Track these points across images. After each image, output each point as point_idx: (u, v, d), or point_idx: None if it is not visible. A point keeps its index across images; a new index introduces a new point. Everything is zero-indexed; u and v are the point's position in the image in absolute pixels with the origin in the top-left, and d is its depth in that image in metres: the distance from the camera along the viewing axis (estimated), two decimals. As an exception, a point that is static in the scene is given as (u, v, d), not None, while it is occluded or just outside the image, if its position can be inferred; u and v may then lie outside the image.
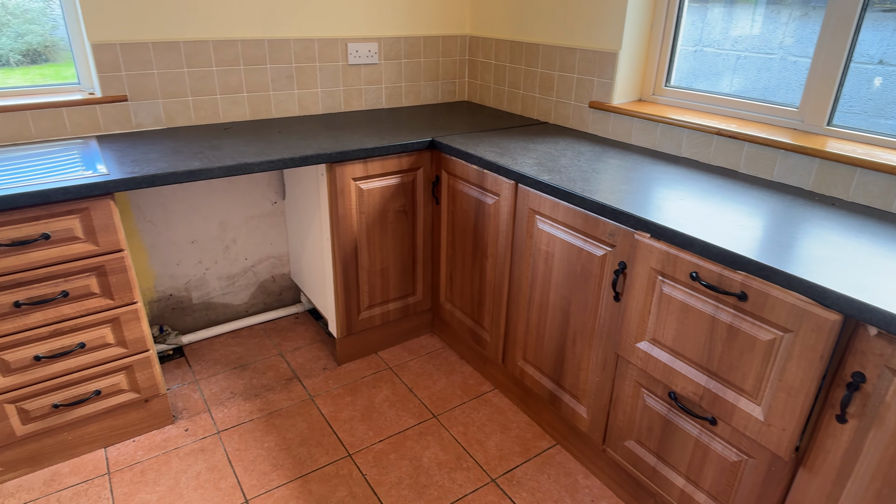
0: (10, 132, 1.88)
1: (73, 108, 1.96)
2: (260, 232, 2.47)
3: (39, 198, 1.48)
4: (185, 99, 2.13)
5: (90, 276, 1.64)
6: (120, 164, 1.70)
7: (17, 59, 2.09)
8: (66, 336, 1.67)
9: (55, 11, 2.08)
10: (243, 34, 2.16)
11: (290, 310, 2.65)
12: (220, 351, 2.39)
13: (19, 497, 1.70)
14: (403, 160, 2.07)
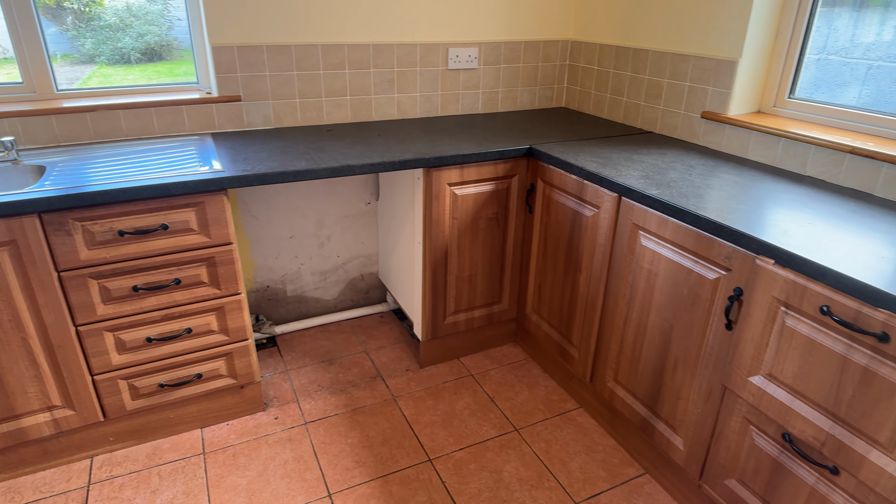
0: (138, 127, 2.04)
1: (192, 107, 2.09)
2: (353, 231, 2.53)
3: (162, 191, 1.58)
4: (293, 101, 2.22)
5: (201, 266, 1.74)
6: (233, 162, 1.79)
7: (137, 56, 2.26)
8: (175, 321, 1.78)
9: (171, 13, 2.23)
10: (351, 39, 2.22)
11: (375, 308, 2.69)
12: (310, 343, 2.47)
13: (126, 466, 1.83)
14: (499, 167, 2.04)
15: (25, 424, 1.69)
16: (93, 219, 1.56)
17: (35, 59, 1.94)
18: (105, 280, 1.63)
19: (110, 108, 1.97)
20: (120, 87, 2.10)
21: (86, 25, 2.13)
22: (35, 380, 1.66)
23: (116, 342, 1.73)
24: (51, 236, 1.53)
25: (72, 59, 2.26)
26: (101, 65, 2.32)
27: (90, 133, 1.97)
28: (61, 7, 2.10)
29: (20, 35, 1.89)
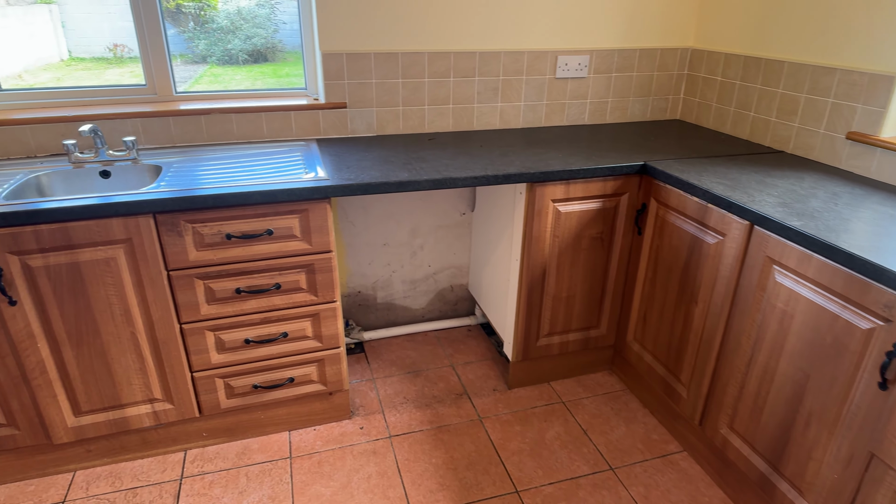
0: (248, 131, 2.08)
1: (300, 113, 2.11)
2: (446, 241, 2.48)
3: (269, 197, 1.59)
4: (396, 108, 2.19)
5: (300, 272, 1.74)
6: (337, 170, 1.77)
7: (244, 58, 2.34)
8: (273, 324, 1.79)
9: (278, 17, 2.28)
10: (458, 46, 2.16)
11: (463, 321, 2.62)
12: (397, 352, 2.43)
13: (216, 463, 1.86)
14: (608, 184, 1.90)
15: (129, 414, 1.76)
16: (203, 221, 1.59)
17: (158, 63, 2.03)
18: (210, 281, 1.67)
19: (224, 111, 2.02)
20: (233, 91, 2.16)
21: (201, 28, 2.22)
22: (140, 373, 1.72)
23: (217, 342, 1.76)
24: (163, 236, 1.57)
25: (186, 58, 2.37)
26: (211, 65, 2.43)
27: (204, 135, 2.04)
28: (181, 11, 2.21)
29: (146, 38, 1.99)
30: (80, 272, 1.54)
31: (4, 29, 2.33)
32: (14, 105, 1.96)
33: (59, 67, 2.61)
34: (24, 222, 1.44)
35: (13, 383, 1.62)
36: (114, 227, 1.52)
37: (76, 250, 1.52)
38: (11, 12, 2.38)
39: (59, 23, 2.50)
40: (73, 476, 1.80)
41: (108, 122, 1.93)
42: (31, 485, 1.77)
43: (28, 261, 1.49)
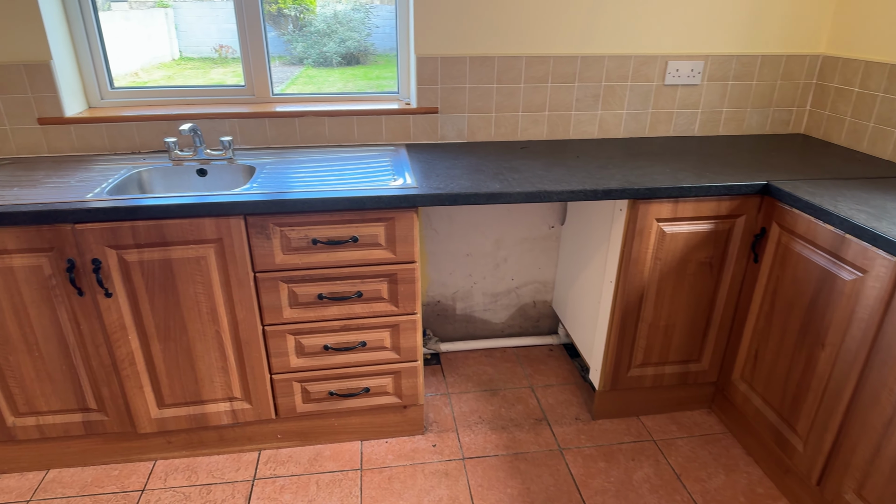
0: (339, 135, 2.06)
1: (391, 117, 2.07)
2: (531, 255, 2.35)
3: (357, 204, 1.54)
4: (488, 115, 2.10)
5: (383, 281, 1.68)
6: (426, 178, 1.70)
7: (338, 60, 2.36)
8: (352, 332, 1.75)
9: (371, 21, 2.28)
10: (557, 50, 2.04)
11: (545, 339, 2.49)
12: (473, 367, 2.34)
13: (288, 467, 1.85)
14: (723, 204, 1.71)
15: (208, 411, 1.78)
16: (291, 225, 1.56)
17: (257, 65, 2.05)
18: (294, 285, 1.65)
19: (317, 114, 2.01)
20: (327, 94, 2.15)
21: (299, 31, 2.26)
22: (222, 371, 1.73)
23: (297, 346, 1.74)
24: (252, 238, 1.57)
25: (284, 60, 2.42)
26: (307, 66, 2.47)
27: (297, 137, 2.04)
28: (282, 14, 2.25)
29: (247, 41, 2.02)
30: (172, 269, 1.56)
31: (126, 30, 2.48)
32: (123, 102, 2.05)
33: (170, 66, 2.75)
34: (123, 218, 1.48)
35: (105, 372, 1.67)
36: (206, 227, 1.53)
37: (169, 247, 1.54)
38: (133, 15, 2.53)
39: (173, 25, 2.63)
40: (154, 465, 1.85)
41: (208, 121, 1.97)
42: (115, 469, 1.83)
43: (125, 255, 1.53)
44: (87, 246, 1.50)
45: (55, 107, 1.87)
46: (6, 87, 1.83)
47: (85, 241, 1.49)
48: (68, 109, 1.90)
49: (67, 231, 1.48)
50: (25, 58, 1.80)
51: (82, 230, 1.48)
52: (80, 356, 1.64)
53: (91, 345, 1.63)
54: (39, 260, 1.51)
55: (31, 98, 1.85)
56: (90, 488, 1.75)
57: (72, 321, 1.59)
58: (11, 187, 1.61)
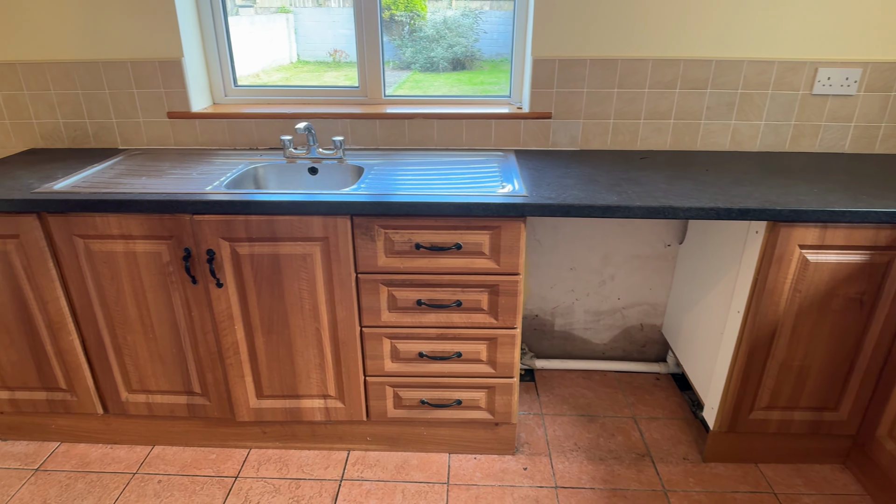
0: (447, 138, 2.02)
1: (500, 121, 1.99)
2: (642, 274, 2.18)
3: (463, 210, 1.48)
4: (606, 121, 1.97)
5: (483, 292, 1.61)
6: (536, 186, 1.61)
7: (444, 65, 2.33)
8: (448, 342, 1.69)
9: (480, 27, 2.23)
10: (689, 53, 1.87)
11: (650, 367, 2.30)
12: (570, 389, 2.20)
13: (375, 472, 1.82)
14: (882, 233, 1.47)
15: (303, 406, 1.79)
16: (395, 228, 1.53)
17: (372, 67, 2.06)
18: (394, 289, 1.61)
19: (427, 116, 1.98)
20: (438, 97, 2.12)
21: (409, 36, 2.26)
22: (318, 368, 1.73)
23: (392, 350, 1.71)
24: (357, 239, 1.55)
25: (393, 65, 2.45)
26: (414, 71, 2.47)
27: (406, 139, 2.02)
28: (394, 20, 2.26)
29: (364, 44, 2.02)
30: (279, 264, 1.58)
31: (251, 34, 2.61)
32: (245, 100, 2.13)
33: (288, 69, 2.87)
34: (237, 211, 1.51)
35: (210, 359, 1.73)
36: (314, 225, 1.53)
37: (278, 243, 1.56)
38: (258, 20, 2.66)
39: (293, 30, 2.73)
40: (248, 453, 1.89)
41: (321, 121, 2.00)
42: (213, 453, 1.89)
43: (237, 248, 1.57)
44: (203, 236, 1.55)
45: (183, 102, 1.97)
46: (142, 82, 1.95)
47: (201, 231, 1.54)
48: (195, 105, 2.00)
49: (186, 221, 1.54)
50: (160, 55, 1.92)
51: (200, 221, 1.53)
52: (189, 341, 1.71)
53: (200, 331, 1.69)
54: (159, 247, 1.58)
55: (163, 93, 1.96)
56: (189, 469, 1.82)
57: (184, 307, 1.66)
58: (140, 176, 1.71)
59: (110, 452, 1.88)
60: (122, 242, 1.58)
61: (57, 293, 1.65)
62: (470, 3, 2.26)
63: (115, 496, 1.72)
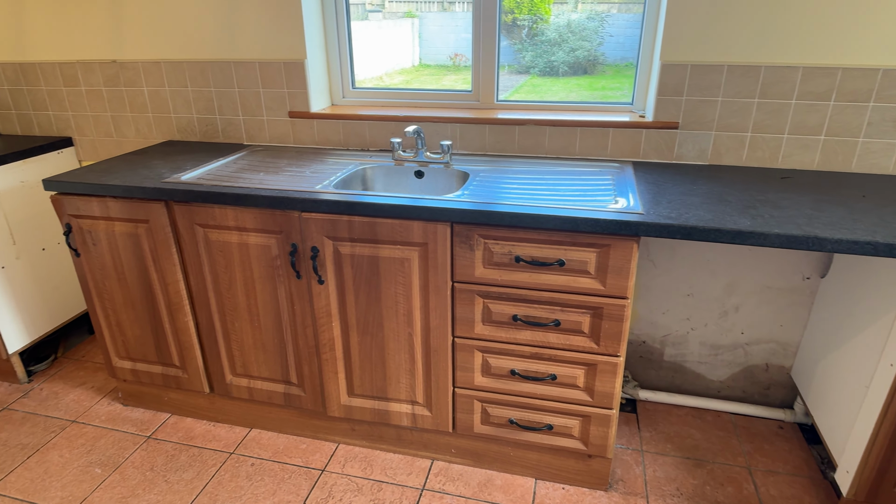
0: (559, 146, 1.92)
1: (619, 130, 1.85)
2: (772, 308, 1.93)
3: (569, 224, 1.38)
4: (742, 134, 1.76)
5: (585, 313, 1.49)
6: (654, 203, 1.46)
7: (564, 70, 2.22)
8: (542, 362, 1.59)
9: (605, 30, 2.10)
10: (850, 60, 1.61)
11: (774, 412, 2.03)
12: (676, 426, 2.01)
13: (457, 486, 1.76)
14: None
15: (391, 409, 1.78)
16: (496, 238, 1.46)
17: (486, 71, 2.01)
18: (490, 301, 1.55)
19: (538, 123, 1.89)
20: (553, 103, 2.02)
21: (530, 40, 2.19)
22: (408, 373, 1.71)
23: (483, 364, 1.64)
24: (456, 247, 1.50)
25: (511, 69, 2.39)
26: (533, 75, 2.39)
27: (515, 146, 1.95)
28: (516, 24, 2.20)
29: (480, 48, 1.98)
30: (378, 267, 1.58)
31: (377, 38, 2.68)
32: (361, 102, 2.17)
33: (409, 72, 2.92)
34: (342, 212, 1.53)
35: (308, 352, 1.77)
36: (414, 230, 1.50)
37: (378, 245, 1.55)
38: (385, 24, 2.73)
39: (417, 34, 2.77)
40: (336, 448, 1.92)
41: (431, 124, 1.98)
42: (303, 443, 1.94)
43: (340, 247, 1.58)
44: (309, 233, 1.58)
45: (303, 102, 2.05)
46: (268, 82, 2.05)
47: (308, 228, 1.58)
48: (314, 105, 2.07)
49: (295, 218, 1.58)
50: (285, 56, 2.01)
51: (307, 218, 1.57)
52: (290, 333, 1.76)
53: (300, 325, 1.73)
54: (269, 240, 1.64)
55: (286, 93, 2.05)
56: (280, 455, 1.88)
57: (288, 300, 1.71)
58: (258, 172, 1.79)
59: (212, 430, 2.00)
60: (237, 234, 1.66)
61: (177, 276, 1.77)
62: (597, 5, 2.15)
63: (211, 473, 1.81)
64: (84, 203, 1.74)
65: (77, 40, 2.16)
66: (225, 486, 1.76)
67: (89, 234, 1.79)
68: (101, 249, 1.80)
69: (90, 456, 1.87)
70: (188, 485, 1.76)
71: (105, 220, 1.75)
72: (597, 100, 2.04)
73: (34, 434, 1.97)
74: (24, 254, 2.16)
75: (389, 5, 2.76)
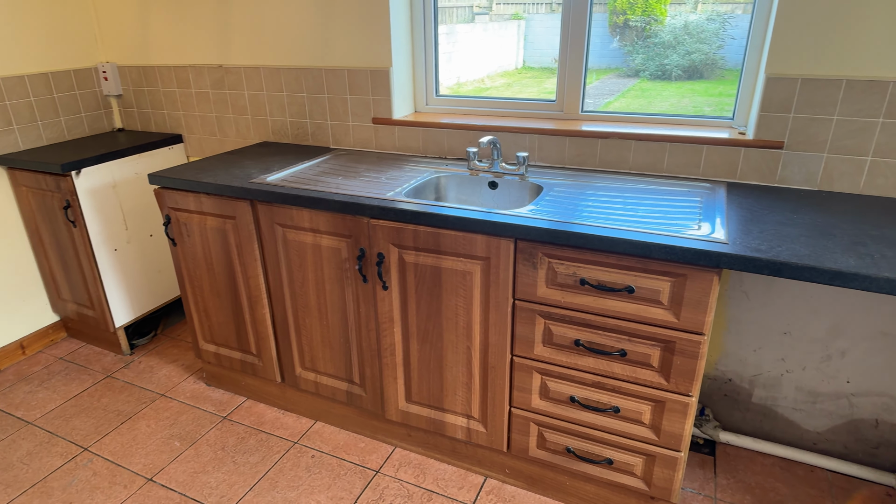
0: (644, 163, 1.80)
1: (715, 147, 1.70)
2: (885, 356, 1.68)
3: (640, 249, 1.28)
4: (860, 158, 1.55)
5: (655, 346, 1.38)
6: (743, 232, 1.32)
7: (678, 73, 2.09)
8: (605, 392, 1.49)
9: (727, 32, 1.93)
10: None
11: (883, 476, 1.77)
12: (759, 476, 1.81)
13: (510, 509, 1.71)
14: None
15: (447, 420, 1.76)
16: (561, 259, 1.40)
17: (572, 79, 1.92)
18: (552, 323, 1.48)
19: (623, 136, 1.78)
20: (640, 115, 1.90)
21: (642, 42, 2.09)
22: (465, 387, 1.68)
23: (541, 386, 1.58)
24: (519, 263, 1.45)
25: (620, 72, 2.29)
26: (642, 79, 2.28)
27: (596, 160, 1.85)
28: (628, 25, 2.11)
29: (567, 54, 1.90)
30: (440, 278, 1.56)
31: (483, 40, 2.69)
32: (442, 110, 2.17)
33: (512, 75, 2.89)
34: (408, 220, 1.53)
35: (370, 355, 1.79)
36: (477, 244, 1.47)
37: (442, 256, 1.54)
38: (491, 27, 2.73)
39: (523, 36, 2.75)
40: (392, 451, 1.93)
41: (510, 134, 1.94)
42: (362, 441, 1.97)
43: (404, 255, 1.59)
44: (376, 239, 1.60)
45: (387, 109, 2.08)
46: (355, 89, 2.11)
47: (375, 235, 1.60)
48: (396, 112, 2.10)
49: (364, 224, 1.61)
50: (372, 64, 2.05)
51: (375, 225, 1.59)
52: (354, 334, 1.79)
53: (364, 328, 1.76)
54: (340, 244, 1.68)
55: (371, 100, 2.10)
56: (339, 451, 1.93)
57: (354, 302, 1.74)
58: (337, 176, 1.84)
59: (281, 417, 2.09)
60: (311, 235, 1.72)
61: (258, 271, 1.87)
62: (719, 6, 2.00)
63: (275, 459, 1.89)
64: (182, 197, 1.88)
65: (190, 47, 2.36)
66: (285, 474, 1.83)
67: (185, 226, 1.93)
68: (194, 241, 1.94)
69: (172, 429, 2.03)
70: (253, 468, 1.86)
71: (198, 215, 1.89)
72: (712, 106, 1.90)
73: (129, 403, 2.18)
74: (134, 238, 2.39)
75: (497, 7, 2.75)
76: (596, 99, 2.70)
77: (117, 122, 2.70)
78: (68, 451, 1.93)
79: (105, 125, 2.64)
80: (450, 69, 2.68)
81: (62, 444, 1.96)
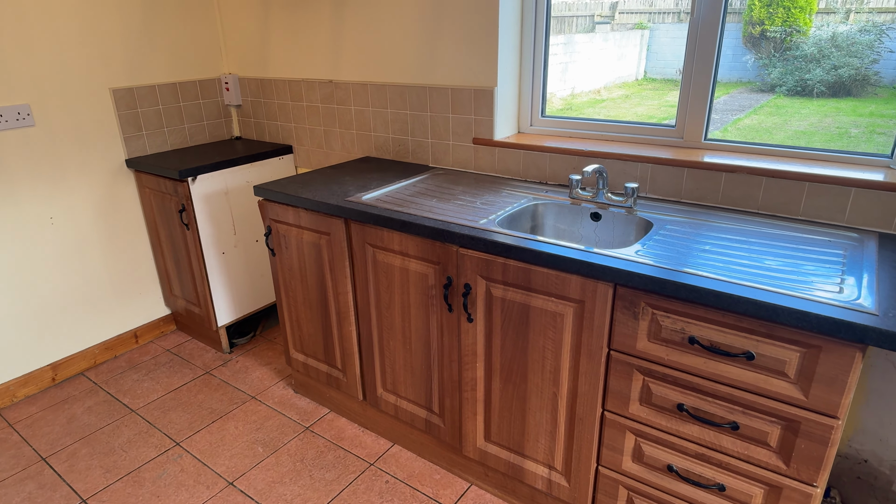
0: (776, 203, 1.57)
1: (865, 191, 1.45)
2: None
3: (764, 311, 1.10)
4: None
5: (775, 424, 1.18)
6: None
7: (820, 90, 1.85)
8: (709, 467, 1.31)
9: (884, 44, 1.66)
10: None
11: None
12: (896, 585, 1.51)
13: (589, 573, 1.56)
14: None
15: (526, 467, 1.64)
16: (667, 311, 1.24)
17: (695, 103, 1.73)
18: (651, 381, 1.32)
19: (752, 171, 1.57)
20: (775, 147, 1.67)
21: (780, 54, 1.87)
22: (549, 435, 1.56)
23: (635, 449, 1.42)
24: (617, 311, 1.31)
25: (753, 86, 2.08)
26: (778, 95, 2.06)
27: (718, 196, 1.65)
28: (764, 36, 1.90)
29: (692, 72, 1.71)
30: (528, 316, 1.46)
31: (602, 50, 2.57)
32: (547, 132, 2.05)
33: (631, 86, 2.73)
34: (498, 253, 1.44)
35: (451, 386, 1.72)
36: (571, 284, 1.35)
37: (531, 294, 1.43)
38: (611, 37, 2.61)
39: (645, 46, 2.60)
40: (468, 489, 1.84)
41: (619, 162, 1.78)
42: (438, 472, 1.90)
43: (492, 288, 1.50)
44: (464, 269, 1.53)
45: (488, 129, 2.00)
46: (457, 108, 2.05)
47: (464, 264, 1.53)
48: (498, 133, 2.01)
49: (453, 252, 1.54)
50: (476, 83, 1.98)
51: (463, 254, 1.51)
52: (437, 363, 1.73)
53: (447, 358, 1.69)
54: (427, 269, 1.63)
55: (472, 119, 2.03)
56: (413, 480, 1.87)
57: (438, 331, 1.68)
58: (431, 198, 1.79)
59: (360, 435, 2.08)
60: (400, 258, 1.68)
61: (347, 287, 1.87)
62: (875, 15, 1.74)
63: (350, 479, 1.88)
64: (282, 210, 1.93)
65: (304, 61, 2.43)
66: (358, 496, 1.81)
67: (283, 238, 1.98)
68: (291, 253, 1.98)
69: (257, 434, 2.09)
70: (328, 485, 1.85)
71: (296, 228, 1.92)
72: (860, 129, 1.65)
73: (222, 401, 2.27)
74: (240, 243, 2.51)
75: (619, 17, 2.61)
76: (724, 115, 2.45)
77: (235, 131, 2.85)
78: (162, 444, 2.04)
79: (224, 133, 2.81)
80: (565, 80, 2.56)
81: (158, 436, 2.08)
